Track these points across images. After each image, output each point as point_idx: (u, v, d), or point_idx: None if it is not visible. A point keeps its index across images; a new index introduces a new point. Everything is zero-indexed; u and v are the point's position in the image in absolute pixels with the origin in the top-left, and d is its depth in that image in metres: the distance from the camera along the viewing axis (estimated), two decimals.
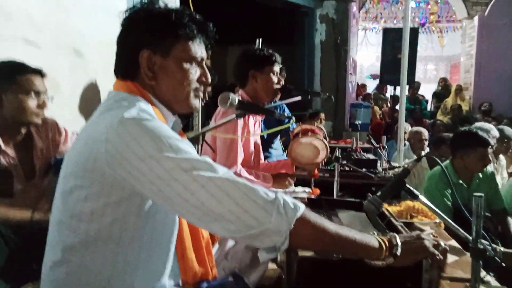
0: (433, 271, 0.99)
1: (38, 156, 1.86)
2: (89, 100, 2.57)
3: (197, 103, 1.13)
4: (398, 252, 0.98)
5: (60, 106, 2.24)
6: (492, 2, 7.93)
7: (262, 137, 2.60)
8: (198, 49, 1.09)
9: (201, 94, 1.13)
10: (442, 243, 1.04)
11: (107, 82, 2.63)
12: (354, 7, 6.29)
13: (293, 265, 1.03)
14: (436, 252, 1.01)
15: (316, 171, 2.12)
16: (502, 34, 7.77)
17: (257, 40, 2.68)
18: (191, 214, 0.92)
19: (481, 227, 1.22)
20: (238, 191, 0.91)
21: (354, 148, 3.40)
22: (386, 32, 5.73)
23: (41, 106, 1.81)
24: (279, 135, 3.19)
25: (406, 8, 3.86)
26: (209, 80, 1.13)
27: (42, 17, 2.25)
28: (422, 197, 1.34)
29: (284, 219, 0.90)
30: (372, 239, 0.99)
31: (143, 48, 1.04)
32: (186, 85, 1.08)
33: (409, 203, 2.21)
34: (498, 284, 1.36)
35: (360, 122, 4.66)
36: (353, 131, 5.51)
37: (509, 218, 2.68)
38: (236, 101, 1.39)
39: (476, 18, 7.95)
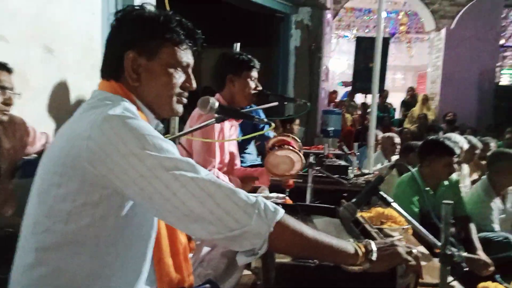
0: (408, 277, 1.02)
1: (4, 156, 1.79)
2: (60, 99, 2.50)
3: (180, 108, 1.13)
4: (374, 258, 1.01)
5: (28, 104, 2.17)
6: (458, 15, 8.28)
7: (237, 141, 2.60)
8: (184, 54, 1.09)
9: (184, 100, 1.13)
10: (414, 250, 1.07)
11: (79, 80, 2.59)
12: (328, 15, 6.40)
13: (271, 271, 1.03)
14: (409, 258, 1.05)
15: (290, 181, 2.16)
16: (467, 47, 8.13)
17: (235, 44, 2.68)
18: (171, 214, 0.91)
19: (450, 233, 1.27)
20: (219, 192, 0.91)
21: (326, 154, 3.46)
22: (359, 40, 5.86)
23: (7, 102, 1.75)
24: (253, 140, 3.21)
25: (378, 18, 3.98)
26: (194, 86, 1.13)
27: (13, 10, 2.17)
28: (394, 204, 1.39)
29: (264, 222, 0.92)
30: (348, 245, 1.02)
31: (129, 49, 1.04)
32: (170, 89, 1.08)
33: (379, 209, 2.27)
34: None
35: (332, 128, 4.74)
36: (325, 138, 5.61)
37: (471, 224, 2.79)
38: (217, 106, 1.39)
39: (443, 31, 8.29)
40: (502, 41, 8.97)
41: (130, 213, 0.98)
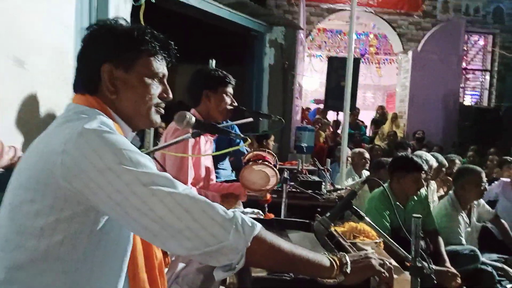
0: None
1: None
2: (30, 112, 2.43)
3: (158, 119, 1.12)
4: (348, 270, 1.03)
5: None
6: (424, 39, 8.67)
7: (212, 156, 2.60)
8: (160, 65, 1.09)
9: (161, 110, 1.13)
10: (387, 262, 1.10)
11: (50, 94, 2.53)
12: (301, 34, 6.57)
13: (247, 286, 1.04)
14: (382, 270, 1.07)
15: (268, 196, 2.16)
16: (432, 69, 8.51)
17: (211, 61, 2.71)
18: (148, 230, 0.90)
19: (419, 246, 1.32)
20: (197, 207, 0.91)
21: (300, 170, 3.51)
22: (331, 60, 6.03)
23: None
24: (228, 155, 3.21)
25: (350, 39, 4.12)
26: (170, 96, 1.13)
27: None
28: (367, 218, 1.42)
29: (241, 237, 0.92)
30: (323, 258, 1.03)
31: (105, 62, 1.03)
32: (148, 100, 1.07)
33: (352, 224, 2.31)
34: None
35: (305, 145, 4.82)
36: (298, 153, 5.67)
37: (439, 237, 2.88)
38: (193, 120, 1.39)
39: (410, 53, 8.64)
40: (464, 64, 9.43)
41: (106, 228, 0.97)
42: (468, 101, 9.55)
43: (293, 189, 2.81)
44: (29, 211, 0.92)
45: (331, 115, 8.22)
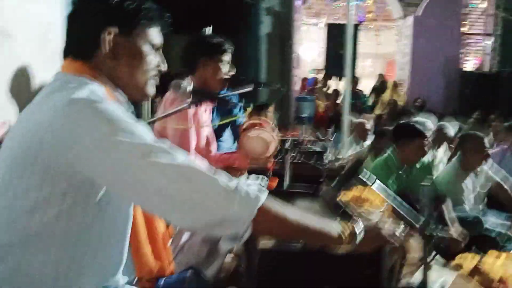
0: (393, 257, 1.02)
1: None
2: (20, 86, 2.35)
3: (153, 91, 1.08)
4: (358, 240, 1.00)
5: None
6: (425, 3, 8.45)
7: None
8: (157, 35, 1.06)
9: (157, 82, 1.08)
10: (397, 232, 1.07)
11: (39, 66, 2.44)
12: (298, 1, 6.38)
13: (254, 257, 1.00)
14: (392, 239, 1.04)
15: (269, 164, 2.11)
16: (434, 34, 8.32)
17: (206, 28, 2.61)
18: (148, 202, 0.87)
19: (430, 212, 1.29)
20: (199, 177, 0.87)
21: (301, 140, 3.47)
22: (330, 27, 5.88)
23: None
24: (229, 127, 3.15)
25: (348, 5, 3.99)
26: (166, 68, 1.09)
27: None
28: (373, 186, 1.39)
29: (246, 207, 0.88)
30: (332, 227, 1.00)
31: (107, 26, 0.97)
32: (147, 70, 1.03)
33: (355, 193, 2.29)
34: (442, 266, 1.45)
35: (306, 115, 4.76)
36: (299, 124, 5.61)
37: (448, 201, 2.86)
38: (190, 89, 1.32)
39: (410, 18, 8.44)
40: (465, 29, 9.22)
41: (103, 201, 0.92)
42: (469, 66, 9.40)
43: (296, 160, 2.77)
44: (18, 188, 0.87)
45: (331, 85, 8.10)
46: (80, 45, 1.00)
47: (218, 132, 2.97)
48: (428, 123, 3.60)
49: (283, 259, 1.02)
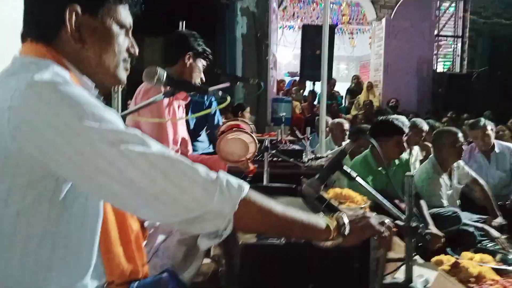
0: (380, 250, 0.97)
1: None
2: None
3: (124, 76, 0.99)
4: (346, 232, 0.95)
5: None
6: (397, 6, 8.62)
7: (188, 128, 2.47)
8: (127, 15, 0.97)
9: (128, 66, 1.00)
10: (386, 221, 1.02)
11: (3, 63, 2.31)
12: (274, 2, 6.38)
13: (235, 254, 0.93)
14: (382, 229, 1.00)
15: (251, 166, 2.05)
16: (405, 36, 8.51)
17: (180, 23, 2.54)
18: (118, 196, 0.79)
19: (413, 206, 1.25)
20: (174, 168, 0.79)
21: (279, 140, 3.43)
22: (305, 28, 5.88)
23: None
24: (205, 128, 3.09)
25: (325, 5, 3.98)
26: (137, 52, 1.00)
27: None
28: (358, 178, 1.34)
29: (227, 200, 0.81)
30: (319, 219, 0.94)
31: (70, 3, 0.88)
32: (117, 53, 0.94)
33: (337, 190, 2.26)
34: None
35: (283, 114, 4.73)
36: (275, 126, 5.59)
37: (422, 201, 2.87)
38: (165, 77, 1.24)
39: (383, 20, 8.59)
40: (437, 31, 9.46)
41: (69, 197, 0.84)
42: (440, 68, 9.64)
43: (274, 159, 2.72)
44: None
45: (307, 86, 8.12)
46: (41, 26, 0.90)
47: (195, 133, 2.90)
48: (405, 120, 3.63)
49: (267, 254, 0.95)
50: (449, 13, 9.55)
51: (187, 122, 2.73)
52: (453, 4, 9.47)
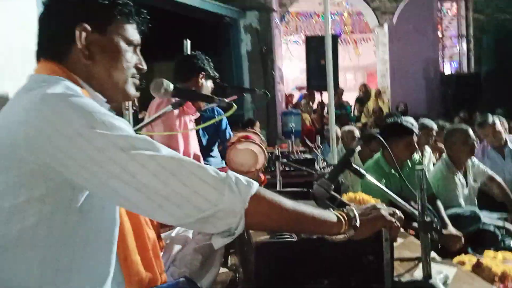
0: (387, 243, 0.97)
1: None
2: None
3: (134, 92, 1.04)
4: (358, 223, 0.95)
5: None
6: (398, 10, 8.67)
7: (200, 144, 2.52)
8: (134, 32, 1.02)
9: (137, 82, 1.04)
10: (397, 212, 1.03)
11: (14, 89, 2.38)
12: (276, 18, 6.48)
13: (249, 253, 0.95)
14: (393, 219, 1.00)
15: (262, 177, 2.07)
16: (409, 40, 8.52)
17: (185, 42, 2.61)
18: (131, 200, 0.81)
19: (426, 200, 1.25)
20: (184, 170, 0.81)
21: (291, 151, 3.44)
22: (309, 40, 5.94)
23: None
24: (217, 143, 3.12)
25: (326, 13, 4.03)
26: (145, 68, 1.05)
27: None
28: (368, 176, 1.35)
29: (237, 197, 0.82)
30: (330, 213, 0.95)
31: (79, 23, 0.93)
32: (126, 69, 0.99)
33: (351, 194, 2.25)
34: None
35: (293, 125, 4.74)
36: (286, 139, 5.60)
37: (438, 201, 2.84)
38: (171, 87, 1.29)
39: (385, 26, 8.63)
40: (440, 32, 9.45)
41: (86, 206, 0.86)
42: (448, 69, 9.60)
43: (286, 168, 2.73)
44: None
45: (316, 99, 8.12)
46: (53, 44, 0.96)
47: (208, 148, 2.94)
48: (413, 121, 3.61)
49: (280, 251, 0.96)
50: (451, 13, 9.55)
51: (200, 138, 2.78)
52: (454, 4, 9.47)
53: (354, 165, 1.30)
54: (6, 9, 2.35)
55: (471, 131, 3.11)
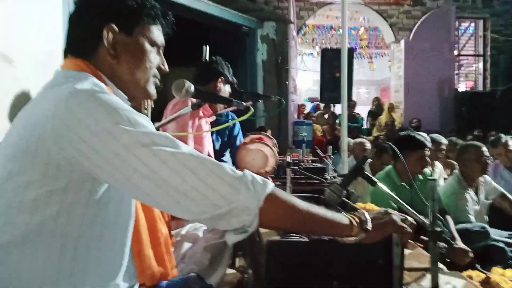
0: (398, 248, 0.98)
1: None
2: (19, 111, 2.35)
3: (154, 91, 1.08)
4: (369, 227, 0.96)
5: None
6: (415, 28, 8.68)
7: (214, 148, 2.55)
8: (159, 34, 1.06)
9: (158, 82, 1.08)
10: (409, 218, 1.04)
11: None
12: (293, 30, 6.54)
13: (260, 251, 0.97)
14: (405, 225, 1.01)
15: (270, 180, 2.09)
16: (425, 57, 8.50)
17: (204, 48, 2.66)
18: (151, 194, 0.83)
19: (437, 210, 1.25)
20: (203, 167, 0.84)
21: (301, 159, 3.45)
22: (324, 52, 5.96)
23: None
24: (229, 148, 3.15)
25: (343, 25, 4.06)
26: (167, 69, 1.09)
27: None
28: (380, 184, 1.36)
29: (253, 195, 0.84)
30: (342, 216, 0.97)
31: (107, 23, 0.98)
32: (149, 69, 1.03)
33: (360, 205, 2.25)
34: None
35: (304, 134, 4.75)
36: (297, 148, 5.60)
37: (448, 216, 2.82)
38: (192, 88, 1.32)
39: (402, 42, 8.64)
40: (457, 51, 9.42)
41: (104, 199, 0.90)
42: (463, 87, 9.54)
43: (297, 175, 2.74)
44: (18, 184, 0.84)
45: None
46: (81, 43, 1.00)
47: (221, 153, 2.97)
48: (426, 136, 3.60)
49: (291, 251, 0.98)
50: (469, 33, 9.52)
51: (213, 143, 2.81)
52: (472, 24, 9.44)
53: (366, 173, 1.31)
54: (32, 12, 2.44)
55: (485, 149, 3.09)
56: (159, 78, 1.09)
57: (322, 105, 8.65)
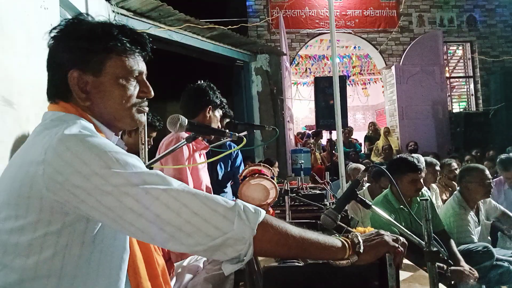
0: (392, 268, 1.00)
1: None
2: None
3: (141, 118, 1.06)
4: (361, 249, 0.98)
5: None
6: (405, 53, 8.89)
7: (216, 178, 2.57)
8: (134, 62, 1.03)
9: (145, 108, 1.07)
10: (400, 238, 1.06)
11: None
12: (286, 61, 6.70)
13: (257, 278, 0.98)
14: (397, 245, 1.03)
15: (271, 211, 2.11)
16: (416, 81, 8.67)
17: (199, 82, 2.73)
18: (145, 232, 0.84)
19: (431, 230, 1.27)
20: (195, 200, 0.86)
21: (300, 186, 3.47)
22: (317, 80, 6.10)
23: None
24: (228, 180, 3.17)
25: (333, 54, 4.18)
26: (151, 93, 1.07)
27: None
28: (374, 207, 1.39)
29: (246, 225, 0.86)
30: (334, 239, 0.99)
31: (71, 68, 0.97)
32: (125, 103, 1.02)
33: (360, 229, 2.26)
34: None
35: (302, 161, 4.79)
36: (296, 176, 5.62)
37: (450, 238, 2.81)
38: (186, 123, 1.37)
39: (393, 68, 8.82)
40: (448, 73, 9.60)
41: (98, 238, 0.91)
42: (456, 108, 9.67)
43: (296, 203, 2.75)
44: (13, 228, 0.86)
45: (325, 138, 8.23)
46: (54, 89, 1.01)
47: (223, 183, 2.99)
48: (420, 158, 3.64)
49: (287, 276, 0.99)
50: (458, 56, 9.74)
51: (216, 172, 2.83)
52: (460, 48, 9.68)
53: (360, 196, 1.34)
54: (32, 56, 2.52)
55: (487, 172, 3.09)
56: (145, 105, 1.07)
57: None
